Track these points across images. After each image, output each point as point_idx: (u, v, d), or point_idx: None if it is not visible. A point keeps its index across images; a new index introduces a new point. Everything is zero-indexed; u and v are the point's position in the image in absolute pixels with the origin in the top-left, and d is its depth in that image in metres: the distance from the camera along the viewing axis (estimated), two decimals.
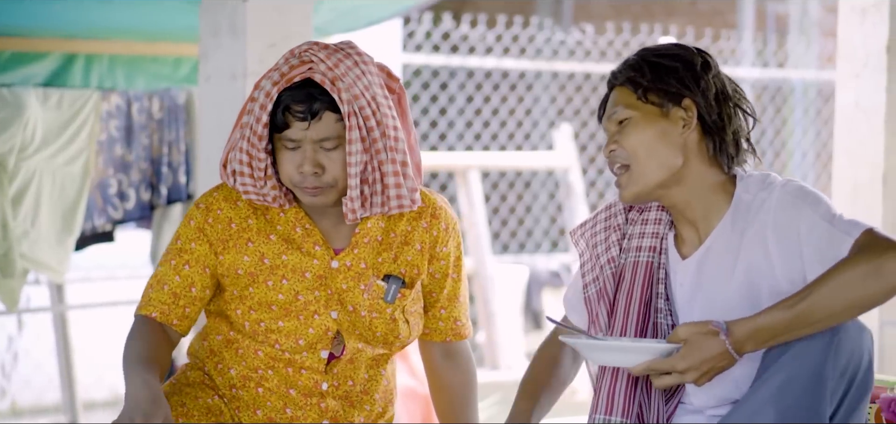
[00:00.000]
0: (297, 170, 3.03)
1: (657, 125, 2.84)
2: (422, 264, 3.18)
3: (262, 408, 3.15)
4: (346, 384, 3.16)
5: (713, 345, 2.69)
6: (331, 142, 3.02)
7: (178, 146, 5.49)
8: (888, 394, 3.00)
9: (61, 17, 5.28)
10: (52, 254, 5.28)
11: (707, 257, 2.86)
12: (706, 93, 2.84)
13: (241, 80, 4.17)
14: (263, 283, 3.11)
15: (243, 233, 3.13)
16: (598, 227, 3.06)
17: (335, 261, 3.12)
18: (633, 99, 2.86)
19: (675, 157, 2.84)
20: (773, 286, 2.78)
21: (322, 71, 3.00)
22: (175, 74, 5.75)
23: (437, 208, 3.20)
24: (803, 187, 2.81)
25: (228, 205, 3.14)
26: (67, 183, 5.29)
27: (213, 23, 4.26)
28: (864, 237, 2.70)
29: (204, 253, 3.14)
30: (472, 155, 8.48)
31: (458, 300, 3.27)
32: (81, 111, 5.30)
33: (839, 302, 2.65)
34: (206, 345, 3.22)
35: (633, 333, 2.91)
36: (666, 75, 2.84)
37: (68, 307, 6.09)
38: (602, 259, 3.01)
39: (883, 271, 2.64)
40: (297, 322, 3.11)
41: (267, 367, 3.13)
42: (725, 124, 2.85)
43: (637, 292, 2.93)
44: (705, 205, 2.86)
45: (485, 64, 9.44)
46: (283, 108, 3.01)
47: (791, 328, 2.67)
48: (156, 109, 5.49)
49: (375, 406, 3.21)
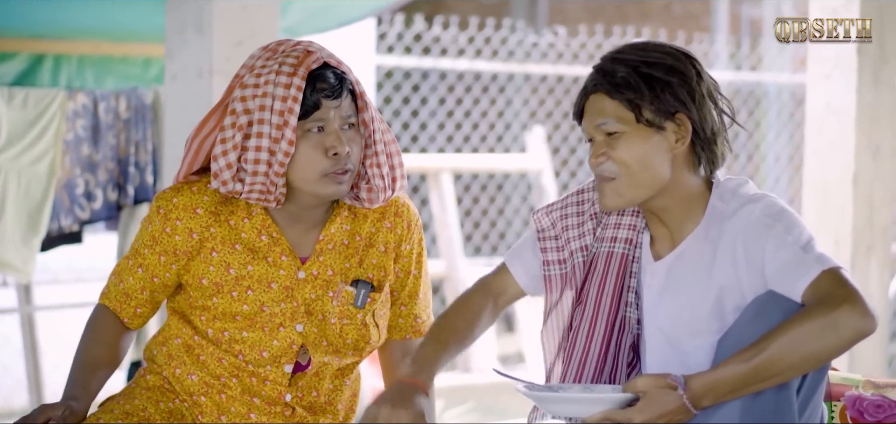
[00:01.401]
0: (328, 154, 2.98)
1: (650, 141, 2.78)
2: (388, 264, 3.16)
3: (226, 414, 3.11)
4: (309, 395, 3.14)
5: (670, 399, 2.65)
6: (350, 121, 3.01)
7: (145, 146, 5.47)
8: (853, 392, 3.00)
9: (29, 18, 5.26)
10: (17, 254, 5.25)
11: (678, 263, 2.84)
12: (701, 106, 2.78)
13: (207, 78, 4.15)
14: (228, 294, 3.07)
15: (206, 243, 3.08)
16: (570, 210, 3.00)
17: (302, 271, 3.08)
18: (626, 113, 2.78)
19: (665, 170, 2.80)
20: (738, 301, 2.76)
21: (327, 55, 3.00)
22: (144, 74, 5.73)
23: (400, 206, 3.19)
24: (780, 206, 2.78)
25: (188, 215, 3.07)
26: (33, 183, 5.26)
27: (180, 21, 4.25)
28: (827, 280, 2.66)
29: (154, 263, 3.10)
30: (444, 157, 8.46)
31: (419, 297, 3.25)
32: (47, 110, 5.28)
33: (797, 356, 2.61)
34: (166, 350, 3.17)
35: (603, 323, 2.90)
36: (662, 92, 2.77)
37: (36, 308, 6.06)
38: (573, 244, 2.97)
39: (839, 325, 2.60)
40: (262, 334, 3.07)
41: (230, 375, 3.10)
42: (717, 133, 2.81)
43: (610, 283, 2.91)
44: (682, 211, 2.84)
45: (457, 66, 9.44)
46: (311, 89, 2.96)
47: (749, 383, 2.63)
48: (123, 108, 5.47)
49: (338, 415, 3.19)
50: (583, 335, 2.92)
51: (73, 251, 5.83)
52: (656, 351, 2.87)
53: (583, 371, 2.92)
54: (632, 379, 2.70)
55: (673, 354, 2.83)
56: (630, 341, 2.92)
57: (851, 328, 2.61)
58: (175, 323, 3.15)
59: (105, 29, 5.50)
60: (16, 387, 7.13)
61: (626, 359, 2.92)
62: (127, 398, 3.14)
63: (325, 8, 5.54)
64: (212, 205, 3.08)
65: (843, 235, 5.03)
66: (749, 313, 2.70)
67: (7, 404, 7.36)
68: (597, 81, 2.82)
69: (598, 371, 2.90)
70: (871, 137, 5.03)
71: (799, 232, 2.73)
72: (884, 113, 5.04)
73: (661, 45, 2.83)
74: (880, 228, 5.07)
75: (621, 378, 2.91)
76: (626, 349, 2.92)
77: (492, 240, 10.30)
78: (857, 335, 2.62)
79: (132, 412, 3.08)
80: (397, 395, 2.78)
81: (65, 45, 5.56)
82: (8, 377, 7.28)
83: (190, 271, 3.08)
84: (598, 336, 2.91)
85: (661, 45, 2.84)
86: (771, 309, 2.67)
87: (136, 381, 3.19)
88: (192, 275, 3.08)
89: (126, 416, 3.06)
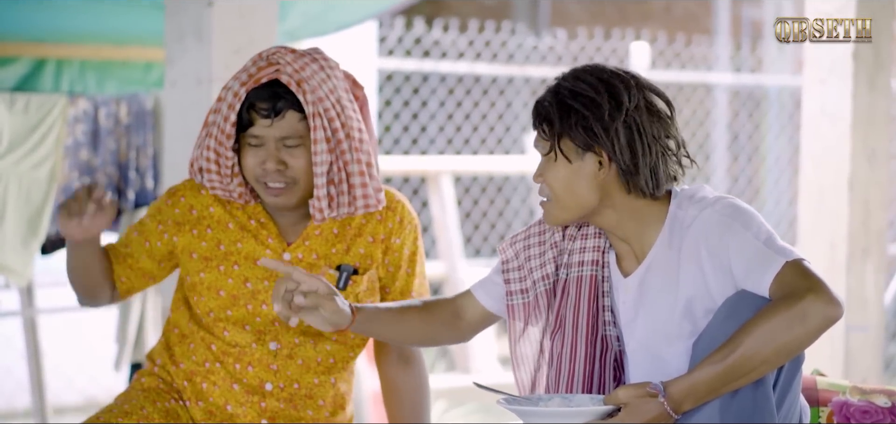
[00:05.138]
0: (260, 166, 3.11)
1: (571, 168, 2.84)
2: (375, 254, 3.23)
3: (203, 401, 3.20)
4: (290, 387, 3.20)
5: (651, 407, 2.69)
6: (293, 140, 3.10)
7: (145, 151, 5.48)
8: (840, 398, 3.02)
9: (31, 22, 5.28)
10: (16, 258, 5.27)
11: (648, 276, 2.87)
12: (616, 140, 2.81)
13: (206, 85, 4.18)
14: (216, 268, 3.20)
15: (203, 220, 3.23)
16: (532, 240, 3.06)
17: (287, 253, 3.19)
18: (547, 143, 2.86)
19: (592, 196, 2.85)
20: (707, 305, 2.80)
21: (289, 73, 3.08)
22: (146, 78, 5.75)
23: (394, 201, 3.27)
24: (736, 205, 2.82)
25: (192, 194, 3.25)
26: (33, 188, 5.28)
27: (179, 28, 4.27)
28: (790, 272, 2.70)
29: (152, 230, 3.27)
30: (444, 159, 8.48)
31: (412, 297, 3.30)
32: (48, 116, 5.29)
33: (769, 350, 2.65)
34: (163, 341, 3.30)
35: (583, 346, 2.93)
36: (575, 125, 2.81)
37: (38, 311, 6.07)
38: (535, 274, 3.02)
39: (806, 315, 2.65)
40: (245, 312, 3.17)
41: (215, 361, 3.19)
42: (639, 164, 2.82)
43: (584, 306, 2.95)
44: (636, 226, 2.88)
45: (457, 69, 9.45)
46: (248, 105, 3.10)
47: (726, 382, 2.67)
48: (123, 113, 5.48)
49: (321, 410, 3.23)
50: (566, 360, 2.95)
51: None
52: (638, 364, 2.91)
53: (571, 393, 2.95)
54: (613, 392, 2.74)
55: (653, 363, 2.87)
56: (613, 358, 2.95)
57: (819, 316, 2.65)
58: (176, 312, 3.28)
59: (106, 33, 5.51)
60: (17, 389, 7.15)
61: (611, 376, 2.94)
62: (125, 399, 3.22)
63: (323, 12, 5.55)
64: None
65: (839, 238, 5.06)
66: (721, 314, 2.74)
67: (9, 406, 7.38)
68: (533, 106, 2.91)
69: (585, 392, 2.93)
70: (866, 141, 5.05)
71: (758, 227, 2.77)
72: (879, 118, 5.06)
73: (595, 74, 2.86)
74: (876, 231, 5.09)
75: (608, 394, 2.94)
76: (609, 366, 2.94)
77: (491, 242, 10.32)
78: (825, 322, 2.66)
79: (131, 411, 3.17)
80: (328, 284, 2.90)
81: (66, 50, 5.57)
82: (10, 379, 7.30)
83: (183, 243, 3.23)
84: (579, 359, 2.93)
85: (596, 73, 2.86)
86: (741, 308, 2.71)
87: (134, 384, 3.29)
88: (183, 249, 3.23)
89: (125, 416, 3.15)
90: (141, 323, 5.72)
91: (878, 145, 5.07)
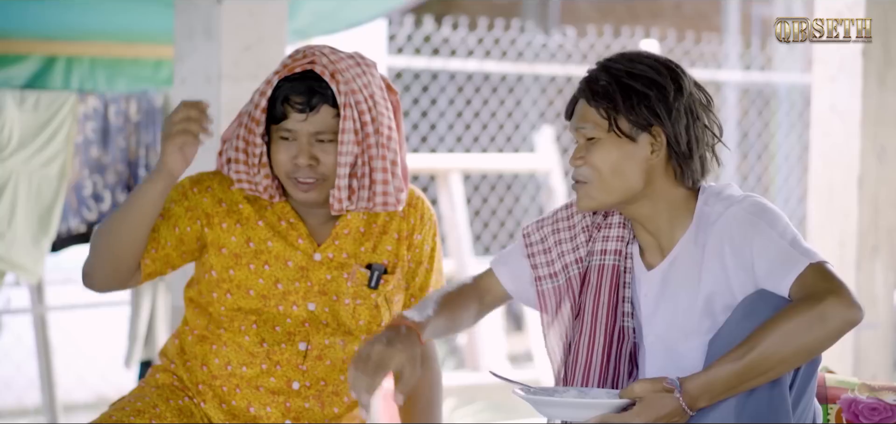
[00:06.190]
0: (292, 161, 3.09)
1: (624, 149, 2.83)
2: (401, 251, 3.24)
3: (226, 403, 3.18)
4: (317, 384, 3.19)
5: (667, 402, 2.69)
6: (326, 135, 3.09)
7: (155, 148, 5.50)
8: (849, 395, 3.02)
9: (41, 20, 5.29)
10: (27, 255, 5.28)
11: (672, 270, 2.87)
12: (677, 122, 2.81)
13: (215, 82, 4.18)
14: (246, 265, 3.16)
15: (233, 214, 3.19)
16: (561, 224, 3.04)
17: (317, 253, 3.18)
18: (602, 121, 2.84)
19: (639, 180, 2.84)
20: (727, 301, 2.80)
21: (324, 64, 3.07)
22: (155, 76, 5.76)
23: (414, 198, 3.28)
24: (763, 204, 2.82)
25: (221, 187, 3.20)
26: (43, 185, 5.29)
27: (188, 26, 4.27)
28: (812, 274, 2.70)
29: (180, 213, 3.18)
30: (453, 157, 8.49)
31: (429, 292, 3.30)
32: (58, 113, 5.30)
33: (787, 350, 2.65)
34: (177, 344, 3.25)
35: (603, 335, 2.92)
36: (638, 104, 2.81)
37: (48, 308, 6.09)
38: (567, 257, 3.01)
39: (826, 317, 2.64)
40: (276, 312, 3.16)
41: (241, 364, 3.16)
42: (694, 148, 2.84)
43: (604, 295, 2.94)
44: (668, 219, 2.87)
45: (467, 67, 9.45)
46: (282, 98, 3.08)
47: (743, 380, 2.67)
48: (133, 111, 5.50)
49: (345, 406, 3.24)
50: (584, 348, 2.94)
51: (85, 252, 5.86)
52: (654, 358, 2.90)
53: (587, 383, 2.95)
54: (629, 385, 2.73)
55: (668, 358, 2.87)
56: (629, 350, 2.95)
57: (838, 319, 2.65)
58: (191, 317, 3.24)
59: (116, 31, 5.52)
60: (28, 386, 7.17)
61: (626, 368, 2.94)
62: (138, 396, 3.20)
63: (333, 10, 5.55)
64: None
65: (849, 236, 5.05)
66: (739, 312, 2.74)
67: (20, 403, 7.40)
68: (582, 87, 2.89)
69: (601, 382, 2.93)
70: (875, 139, 5.04)
71: (783, 227, 2.77)
72: (888, 115, 5.06)
73: (651, 57, 2.87)
74: (885, 229, 5.09)
75: (622, 386, 2.92)
76: (625, 358, 2.94)
77: (501, 240, 10.32)
78: (845, 325, 2.66)
79: (143, 409, 3.14)
80: (394, 335, 2.81)
81: (76, 47, 5.58)
82: (21, 376, 7.31)
83: (212, 236, 3.18)
84: (598, 348, 2.93)
85: (651, 57, 2.87)
86: (760, 307, 2.70)
87: (147, 380, 3.26)
88: (212, 242, 3.18)
89: (137, 414, 3.13)
90: (151, 320, 5.73)
91: (888, 143, 5.06)
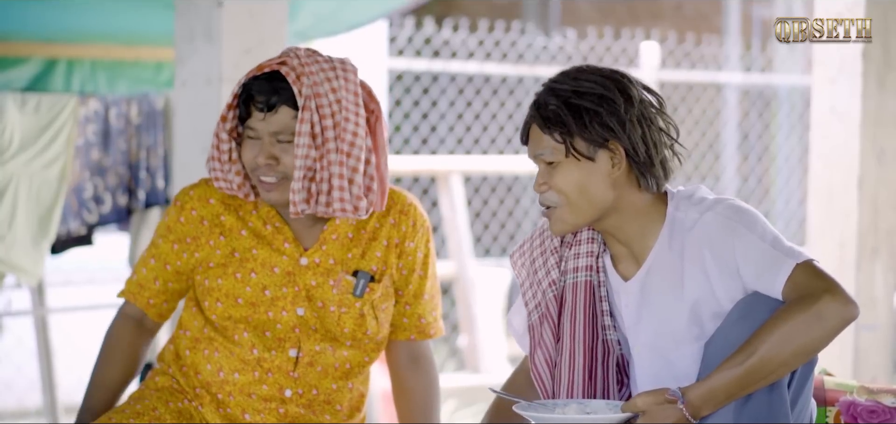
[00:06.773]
0: (254, 159, 3.12)
1: (585, 169, 2.81)
2: (390, 259, 3.23)
3: (222, 408, 3.19)
4: (309, 393, 3.19)
5: (670, 413, 2.69)
6: (285, 136, 3.11)
7: (155, 151, 5.50)
8: (847, 398, 3.03)
9: (42, 22, 5.29)
10: (27, 257, 5.28)
11: (650, 279, 2.86)
12: (632, 132, 2.80)
13: (216, 85, 4.18)
14: (232, 275, 3.18)
15: (215, 228, 3.21)
16: (536, 251, 3.03)
17: (304, 258, 3.18)
18: (558, 146, 2.82)
19: (607, 195, 2.82)
20: (713, 308, 2.79)
21: (292, 65, 3.09)
22: (156, 78, 5.76)
23: (406, 204, 3.26)
24: (738, 206, 2.81)
25: (202, 204, 3.23)
26: (44, 188, 5.29)
27: (189, 28, 4.28)
28: (803, 274, 2.70)
29: (168, 251, 3.25)
30: (454, 159, 8.49)
31: (424, 298, 3.30)
32: (59, 116, 5.31)
33: (787, 352, 2.65)
34: (173, 350, 3.26)
35: (581, 353, 2.90)
36: (590, 122, 2.78)
37: (49, 310, 6.09)
38: (543, 284, 2.99)
39: (824, 315, 2.65)
40: (265, 318, 3.16)
41: (232, 370, 3.17)
42: (654, 155, 2.82)
43: (580, 313, 2.92)
44: (638, 227, 2.86)
45: (467, 68, 9.45)
46: (247, 97, 3.12)
47: (744, 385, 2.67)
48: (134, 113, 5.50)
49: (338, 415, 3.24)
50: (565, 367, 2.92)
51: (85, 253, 5.87)
52: (645, 365, 2.89)
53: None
54: (632, 399, 2.72)
55: (661, 364, 2.86)
56: (614, 362, 2.93)
57: (836, 316, 2.65)
58: (187, 315, 3.26)
59: (117, 33, 5.53)
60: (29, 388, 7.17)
61: (614, 379, 2.93)
62: (138, 399, 3.21)
63: (334, 12, 5.56)
64: (225, 196, 3.24)
65: (848, 238, 5.05)
66: (734, 315, 2.74)
67: (21, 405, 7.40)
68: (532, 113, 2.86)
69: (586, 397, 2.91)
70: (875, 141, 5.04)
71: (762, 229, 2.76)
72: (888, 117, 5.06)
73: (595, 72, 2.84)
74: (885, 231, 5.09)
75: (612, 399, 2.92)
76: (612, 370, 2.93)
77: (501, 242, 10.33)
78: (842, 322, 2.66)
79: (143, 411, 3.16)
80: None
81: (77, 50, 5.59)
82: (22, 378, 7.32)
83: (200, 254, 3.22)
84: (578, 366, 2.91)
85: (595, 70, 2.85)
86: (755, 309, 2.71)
87: (147, 383, 3.28)
88: (201, 259, 3.21)
89: (137, 416, 3.15)
90: None
91: (888, 145, 5.06)
